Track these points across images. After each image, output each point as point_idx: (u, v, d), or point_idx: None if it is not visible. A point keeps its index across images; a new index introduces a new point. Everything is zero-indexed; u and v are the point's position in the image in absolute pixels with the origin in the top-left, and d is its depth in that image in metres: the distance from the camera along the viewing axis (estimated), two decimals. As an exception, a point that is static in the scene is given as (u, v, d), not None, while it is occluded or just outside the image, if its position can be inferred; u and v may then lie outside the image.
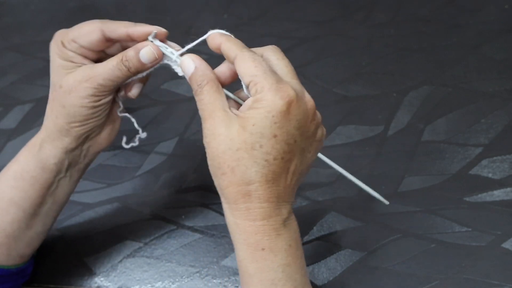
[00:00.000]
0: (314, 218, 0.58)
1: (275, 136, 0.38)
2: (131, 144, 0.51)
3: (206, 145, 0.40)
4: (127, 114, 0.50)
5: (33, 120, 0.71)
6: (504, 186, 0.57)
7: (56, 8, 0.84)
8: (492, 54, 0.68)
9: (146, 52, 0.44)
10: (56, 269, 0.58)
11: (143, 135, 0.51)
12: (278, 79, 0.39)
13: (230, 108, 0.40)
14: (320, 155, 0.46)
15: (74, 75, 0.44)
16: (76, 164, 0.49)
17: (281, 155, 0.38)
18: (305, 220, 0.58)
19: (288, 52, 0.44)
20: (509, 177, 0.58)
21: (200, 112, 0.40)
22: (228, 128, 0.38)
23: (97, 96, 0.45)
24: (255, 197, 0.39)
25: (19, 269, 0.52)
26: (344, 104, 0.66)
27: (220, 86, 0.41)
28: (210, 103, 0.40)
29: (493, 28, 0.71)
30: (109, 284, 0.56)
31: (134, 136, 0.51)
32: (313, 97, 0.40)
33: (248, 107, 0.39)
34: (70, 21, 0.47)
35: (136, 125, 0.50)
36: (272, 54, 0.42)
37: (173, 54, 0.44)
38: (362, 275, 0.54)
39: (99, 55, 0.46)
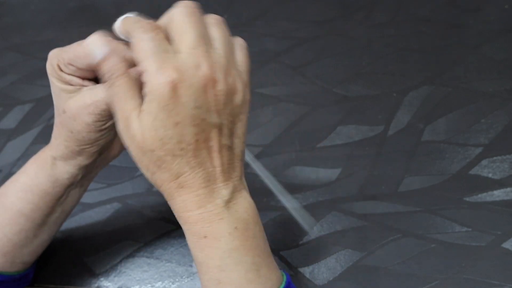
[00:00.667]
0: (314, 218, 0.58)
1: (177, 123, 0.35)
2: None
3: (126, 145, 0.38)
4: None
5: (33, 120, 0.71)
6: (504, 186, 0.57)
7: (56, 8, 0.84)
8: (492, 54, 0.68)
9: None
10: (56, 269, 0.58)
11: None
12: (159, 60, 0.35)
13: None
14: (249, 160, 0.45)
15: (75, 100, 0.41)
16: (88, 174, 0.48)
17: (194, 138, 0.36)
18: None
19: (288, 52, 0.44)
20: (509, 177, 0.58)
21: (112, 105, 0.38)
22: (139, 127, 0.36)
23: (103, 120, 0.42)
24: (187, 187, 0.37)
25: (22, 275, 0.51)
26: (344, 104, 0.66)
27: (132, 78, 0.38)
28: (124, 99, 0.37)
29: (493, 28, 0.71)
30: (109, 284, 0.56)
31: None
32: (313, 97, 0.40)
33: (144, 101, 0.36)
34: (70, 21, 0.46)
35: None
36: (178, 16, 0.38)
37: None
38: (362, 275, 0.54)
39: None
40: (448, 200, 0.57)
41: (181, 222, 0.40)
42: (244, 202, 0.40)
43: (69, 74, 0.41)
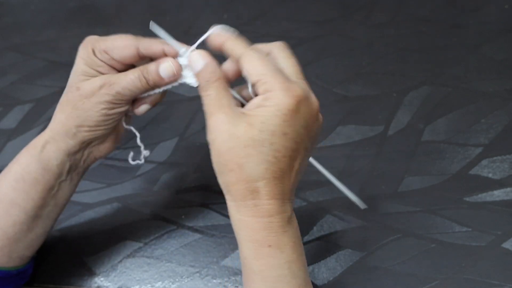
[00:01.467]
0: (314, 218, 0.58)
1: (285, 134, 0.38)
2: (136, 161, 0.51)
3: (210, 141, 0.40)
4: (132, 128, 0.50)
5: (33, 120, 0.71)
6: (504, 186, 0.57)
7: (56, 8, 0.84)
8: (492, 54, 0.68)
9: (165, 67, 0.44)
10: (56, 269, 0.58)
11: (146, 152, 0.51)
12: (286, 77, 0.39)
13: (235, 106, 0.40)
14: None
15: (94, 80, 0.45)
16: (76, 168, 0.50)
17: (289, 152, 0.39)
18: (305, 220, 0.58)
19: (288, 52, 0.44)
20: (509, 177, 0.58)
21: (206, 108, 0.40)
22: (235, 125, 0.38)
23: (113, 103, 0.45)
24: (263, 193, 0.39)
25: (19, 271, 0.52)
26: (344, 104, 0.66)
27: (227, 84, 0.41)
28: (217, 99, 0.40)
29: (493, 28, 0.71)
30: (109, 284, 0.56)
31: (139, 151, 0.52)
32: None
33: (256, 105, 0.39)
34: (70, 21, 0.47)
35: (138, 140, 0.50)
36: (279, 51, 0.42)
37: (186, 52, 0.44)
38: (362, 275, 0.54)
39: (128, 67, 0.47)
40: (448, 200, 0.57)
41: (242, 228, 0.40)
42: (295, 222, 0.42)
43: (101, 60, 0.45)
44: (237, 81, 0.43)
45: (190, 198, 0.61)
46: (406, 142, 0.62)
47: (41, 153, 0.47)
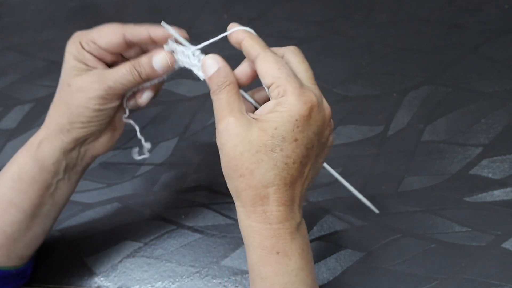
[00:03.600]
0: (314, 218, 0.58)
1: (296, 140, 0.38)
2: (142, 156, 0.51)
3: (220, 146, 0.39)
4: (131, 121, 0.50)
5: (33, 120, 0.71)
6: (504, 186, 0.57)
7: (56, 8, 0.84)
8: (492, 54, 0.68)
9: (160, 59, 0.44)
10: (56, 269, 0.58)
11: (147, 145, 0.51)
12: (300, 83, 0.39)
13: (246, 111, 0.40)
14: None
15: (84, 76, 0.44)
16: (74, 166, 0.50)
17: (300, 159, 0.39)
18: (305, 220, 0.58)
19: (288, 52, 0.44)
20: (509, 177, 0.58)
21: (216, 112, 0.40)
22: (246, 130, 0.38)
23: (105, 99, 0.45)
24: (273, 200, 0.39)
25: (19, 271, 0.52)
26: (344, 104, 0.66)
27: (239, 89, 0.41)
28: (228, 103, 0.40)
29: (493, 28, 0.71)
30: (109, 284, 0.56)
31: (142, 146, 0.52)
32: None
33: (268, 110, 0.39)
34: (70, 21, 0.47)
35: (138, 134, 0.50)
36: (293, 56, 0.42)
37: (195, 51, 0.43)
38: (362, 275, 0.54)
39: (116, 58, 0.47)
40: (448, 200, 0.57)
41: (251, 234, 0.40)
42: (305, 229, 0.42)
43: (88, 51, 0.45)
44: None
45: (190, 198, 0.61)
46: (406, 142, 0.62)
47: (37, 152, 0.47)
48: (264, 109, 0.39)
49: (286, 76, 0.38)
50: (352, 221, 0.57)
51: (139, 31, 0.44)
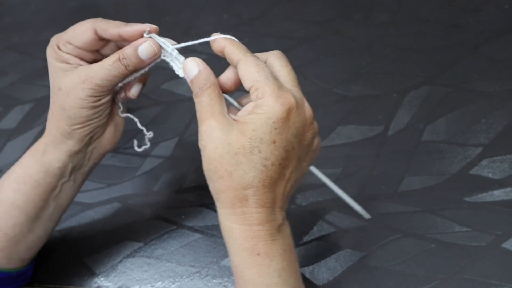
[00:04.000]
0: (314, 218, 0.58)
1: (274, 142, 0.38)
2: (143, 147, 0.51)
3: (202, 148, 0.40)
4: (128, 114, 0.50)
5: (33, 120, 0.71)
6: (504, 186, 0.57)
7: (56, 8, 0.84)
8: (492, 54, 0.68)
9: (145, 47, 0.43)
10: (56, 269, 0.58)
11: (149, 134, 0.51)
12: (279, 85, 0.39)
13: (228, 114, 0.40)
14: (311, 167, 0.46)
15: (71, 76, 0.44)
16: (80, 167, 0.49)
17: (279, 161, 0.39)
18: (305, 220, 0.58)
19: (288, 52, 0.44)
20: (509, 177, 0.58)
21: (198, 115, 0.40)
22: (226, 132, 0.38)
23: (96, 96, 0.44)
24: (252, 201, 0.39)
25: (20, 273, 0.52)
26: (344, 104, 0.66)
27: (221, 91, 0.41)
28: (209, 105, 0.40)
29: (493, 28, 0.71)
30: (109, 284, 0.56)
31: (142, 138, 0.51)
32: (313, 97, 0.41)
33: (248, 112, 0.39)
34: (70, 21, 0.47)
35: (139, 124, 0.50)
36: (275, 60, 0.42)
37: (173, 50, 0.44)
38: (362, 275, 0.54)
39: (95, 56, 0.46)
40: (448, 200, 0.57)
41: (231, 236, 0.40)
42: (288, 230, 0.42)
43: (66, 52, 0.45)
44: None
45: (190, 198, 0.61)
46: (406, 142, 0.62)
47: (42, 156, 0.47)
48: (244, 111, 0.40)
49: (264, 79, 0.39)
50: (352, 221, 0.57)
51: (109, 29, 0.44)
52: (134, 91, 0.48)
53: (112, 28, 0.44)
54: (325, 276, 0.54)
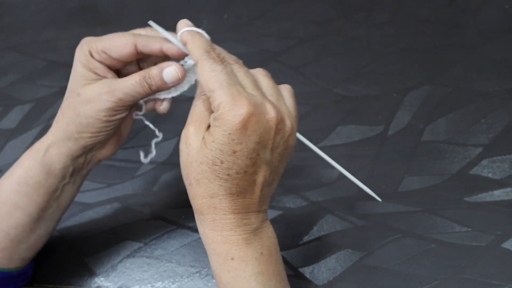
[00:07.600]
0: (314, 218, 0.58)
1: (234, 152, 0.37)
2: (149, 157, 0.51)
3: (179, 151, 0.40)
4: (143, 118, 0.50)
5: (33, 120, 0.71)
6: (504, 186, 0.57)
7: (56, 8, 0.84)
8: (492, 54, 0.68)
9: (170, 72, 0.44)
10: (56, 269, 0.58)
11: (159, 134, 0.51)
12: (234, 93, 0.37)
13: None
14: (318, 151, 0.45)
15: (94, 86, 0.44)
16: (80, 170, 0.50)
17: (244, 169, 0.38)
18: (305, 220, 0.58)
19: (288, 52, 0.44)
20: (509, 177, 0.58)
21: (188, 116, 0.40)
22: (195, 141, 0.39)
23: (115, 110, 0.45)
24: (219, 209, 0.39)
25: (20, 272, 0.52)
26: (344, 104, 0.66)
27: None
28: (199, 112, 0.40)
29: (493, 28, 0.71)
30: (109, 284, 0.56)
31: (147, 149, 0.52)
32: (313, 97, 0.40)
33: (211, 124, 0.39)
34: (70, 21, 0.47)
35: (150, 125, 0.50)
36: (233, 62, 0.41)
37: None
38: (362, 275, 0.54)
39: (125, 66, 0.47)
40: (448, 200, 0.57)
41: (206, 241, 0.41)
42: (268, 231, 0.42)
43: (98, 61, 0.44)
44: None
45: (190, 198, 0.61)
46: (406, 142, 0.62)
47: (44, 157, 0.47)
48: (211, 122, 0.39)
49: (218, 89, 0.37)
50: (352, 221, 0.57)
51: (151, 45, 0.44)
52: (165, 106, 0.48)
53: (153, 43, 0.44)
54: (325, 276, 0.54)
